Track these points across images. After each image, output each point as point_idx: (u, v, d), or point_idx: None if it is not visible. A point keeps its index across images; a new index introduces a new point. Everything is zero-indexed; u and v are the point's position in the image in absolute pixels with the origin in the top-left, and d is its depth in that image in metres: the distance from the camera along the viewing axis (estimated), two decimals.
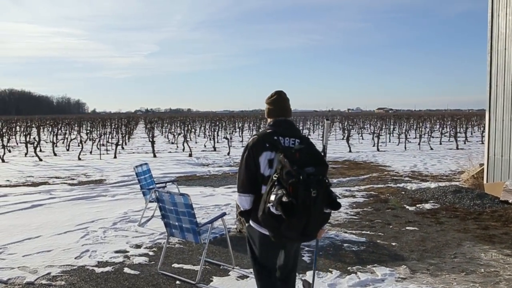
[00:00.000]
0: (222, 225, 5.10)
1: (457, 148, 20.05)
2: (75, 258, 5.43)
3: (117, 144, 17.53)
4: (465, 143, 23.31)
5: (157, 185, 7.23)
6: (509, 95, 8.32)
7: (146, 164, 7.38)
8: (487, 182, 8.95)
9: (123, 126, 31.63)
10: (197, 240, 4.66)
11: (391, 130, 31.07)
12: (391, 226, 6.76)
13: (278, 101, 3.44)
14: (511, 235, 6.23)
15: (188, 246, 5.83)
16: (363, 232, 6.46)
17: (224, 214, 4.99)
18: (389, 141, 24.91)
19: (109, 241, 6.13)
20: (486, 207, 7.84)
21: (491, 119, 8.69)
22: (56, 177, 12.10)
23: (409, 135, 28.18)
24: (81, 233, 6.47)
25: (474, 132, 33.54)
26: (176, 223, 4.74)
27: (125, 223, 7.05)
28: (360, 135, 28.84)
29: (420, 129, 27.60)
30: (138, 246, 5.88)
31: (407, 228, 6.66)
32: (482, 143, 21.76)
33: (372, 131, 27.59)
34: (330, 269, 4.99)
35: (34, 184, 10.89)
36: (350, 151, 19.02)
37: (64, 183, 11.19)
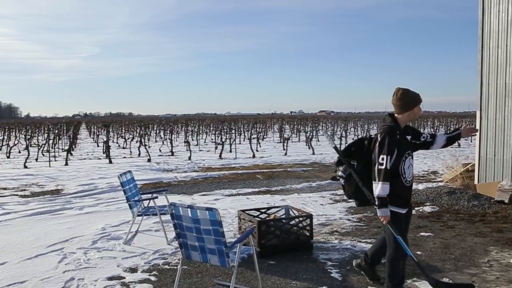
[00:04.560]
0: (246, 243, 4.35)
1: None
2: None
3: (68, 150, 16.07)
4: None
5: (143, 196, 6.32)
6: (502, 93, 8.18)
7: (129, 172, 6.45)
8: (478, 182, 8.77)
9: (67, 131, 29.58)
10: (224, 264, 3.87)
11: (346, 131, 31.28)
12: None
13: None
14: None
15: (192, 267, 5.00)
16: None
17: (253, 230, 4.25)
18: (346, 143, 24.95)
19: (95, 264, 5.17)
20: (485, 208, 7.60)
21: (483, 118, 8.52)
22: (3, 188, 10.71)
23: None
24: (57, 257, 5.45)
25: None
26: (196, 244, 3.93)
27: (107, 241, 6.09)
28: (316, 138, 28.76)
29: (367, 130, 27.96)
30: (133, 270, 4.98)
31: (421, 234, 6.20)
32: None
33: (330, 133, 27.57)
34: (369, 287, 4.38)
35: None
36: (313, 153, 18.69)
37: (14, 194, 9.87)
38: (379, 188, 3.73)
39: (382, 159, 3.73)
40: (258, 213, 6.05)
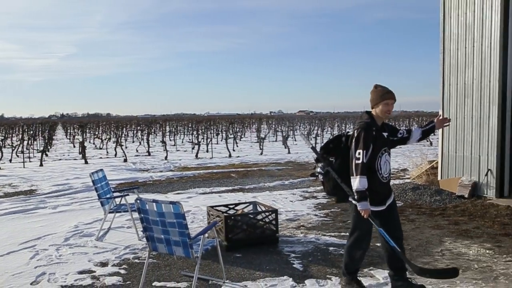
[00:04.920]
0: (209, 236, 4.58)
1: None
2: (31, 284, 4.61)
3: (42, 151, 16.01)
4: None
5: (115, 194, 6.49)
6: (462, 94, 8.58)
7: (101, 170, 6.61)
8: (441, 178, 9.16)
9: (43, 131, 29.26)
10: (188, 255, 4.09)
11: (322, 130, 31.71)
12: None
13: None
14: (483, 229, 6.32)
15: (162, 260, 5.20)
16: (341, 234, 6.21)
17: (216, 223, 4.47)
18: (323, 142, 25.35)
19: (66, 260, 5.32)
20: (446, 203, 7.98)
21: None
22: None
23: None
24: (29, 253, 5.58)
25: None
26: (162, 236, 4.14)
27: (79, 238, 6.23)
28: (292, 137, 29.11)
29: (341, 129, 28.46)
30: (104, 264, 5.15)
31: None
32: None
33: (308, 132, 27.94)
34: (328, 276, 4.65)
35: None
36: (289, 152, 19.00)
37: None
38: (357, 182, 3.82)
39: (359, 153, 3.83)
40: (227, 209, 6.27)
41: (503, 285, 4.36)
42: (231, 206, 6.34)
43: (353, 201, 3.97)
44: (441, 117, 4.43)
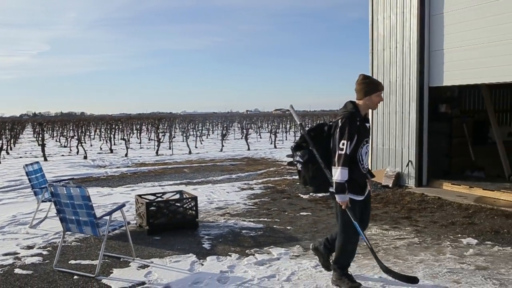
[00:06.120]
0: (122, 218, 5.07)
1: None
2: None
3: (1, 148, 16.19)
4: None
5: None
6: (387, 91, 9.24)
7: (37, 163, 7.01)
8: (371, 170, 9.81)
9: (7, 130, 29.19)
10: (95, 233, 4.58)
11: (288, 128, 32.41)
12: (286, 213, 7.18)
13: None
14: (390, 214, 6.96)
15: (86, 243, 5.67)
16: (260, 219, 6.78)
17: (123, 205, 4.97)
18: (286, 139, 26.02)
19: None
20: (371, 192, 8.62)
21: (373, 114, 9.56)
22: None
23: None
24: None
25: None
26: (73, 217, 4.62)
27: (14, 226, 6.63)
28: (258, 134, 29.72)
29: None
30: (30, 247, 5.58)
31: (301, 213, 7.11)
32: None
33: (269, 130, 28.54)
34: (229, 253, 5.19)
35: None
36: (248, 149, 19.55)
37: None
38: (338, 173, 3.77)
39: (343, 144, 3.75)
40: (155, 197, 6.76)
41: (381, 258, 4.96)
42: (159, 195, 6.83)
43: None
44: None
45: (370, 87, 3.95)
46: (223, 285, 4.26)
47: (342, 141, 3.76)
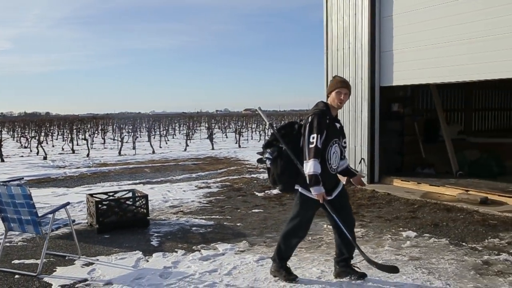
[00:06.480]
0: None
1: None
2: None
3: None
4: None
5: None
6: None
7: None
8: None
9: None
10: (38, 231, 4.59)
11: (254, 128, 32.61)
12: (239, 210, 7.30)
13: None
14: None
15: (32, 243, 5.64)
16: (212, 217, 6.89)
17: (68, 203, 4.99)
18: (252, 138, 26.19)
19: None
20: None
21: None
22: None
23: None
24: None
25: None
26: (15, 216, 4.61)
27: None
28: (224, 133, 29.80)
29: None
30: None
31: (253, 211, 7.25)
32: None
33: (235, 130, 28.65)
34: (176, 250, 5.28)
35: None
36: (212, 148, 19.61)
37: None
38: (310, 165, 3.80)
39: (313, 137, 3.82)
40: (107, 196, 6.76)
41: (323, 251, 5.16)
42: (111, 194, 6.84)
43: (300, 189, 4.02)
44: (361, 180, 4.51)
45: (331, 85, 4.09)
46: (164, 280, 4.35)
47: (312, 135, 3.83)
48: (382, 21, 8.91)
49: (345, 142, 4.23)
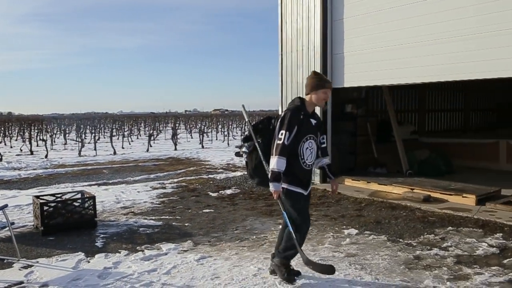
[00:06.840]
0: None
1: None
2: None
3: None
4: None
5: None
6: (295, 93, 9.65)
7: None
8: None
9: None
10: None
11: (219, 128, 32.63)
12: (190, 211, 7.35)
13: None
14: None
15: None
16: (162, 217, 6.92)
17: (6, 206, 4.93)
18: (216, 139, 26.20)
19: None
20: None
21: None
22: None
23: (237, 133, 30.07)
24: None
25: None
26: None
27: None
28: (189, 133, 29.70)
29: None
30: None
31: (204, 211, 7.32)
32: None
33: (199, 130, 28.60)
34: (119, 250, 5.30)
35: None
36: (175, 149, 19.55)
37: None
38: (274, 161, 3.84)
39: (281, 134, 3.84)
40: (54, 198, 6.70)
41: (264, 250, 5.27)
42: (58, 196, 6.78)
43: (283, 185, 3.99)
44: (335, 187, 4.57)
45: (317, 83, 4.05)
46: (102, 281, 4.37)
47: (281, 131, 3.86)
48: (334, 24, 9.13)
49: (323, 138, 4.25)
